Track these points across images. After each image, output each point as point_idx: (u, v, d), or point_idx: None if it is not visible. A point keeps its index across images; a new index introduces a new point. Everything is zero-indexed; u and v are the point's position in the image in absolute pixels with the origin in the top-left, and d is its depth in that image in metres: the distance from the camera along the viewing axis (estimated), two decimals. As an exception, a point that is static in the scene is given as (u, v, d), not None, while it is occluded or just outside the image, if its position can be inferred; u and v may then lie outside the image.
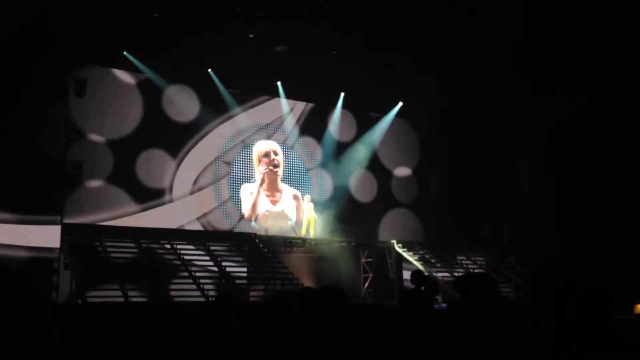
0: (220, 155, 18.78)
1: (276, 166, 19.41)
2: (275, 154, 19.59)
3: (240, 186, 18.87)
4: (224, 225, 18.30)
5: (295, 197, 19.45)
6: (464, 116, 20.71)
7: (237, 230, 18.31)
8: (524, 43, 16.38)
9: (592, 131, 17.87)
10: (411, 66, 17.95)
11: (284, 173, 19.66)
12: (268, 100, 19.79)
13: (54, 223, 14.29)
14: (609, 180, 17.28)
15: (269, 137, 19.75)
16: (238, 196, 18.81)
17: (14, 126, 13.25)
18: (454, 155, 21.25)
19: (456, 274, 17.51)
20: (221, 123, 18.91)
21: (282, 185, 19.48)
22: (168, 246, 15.22)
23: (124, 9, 14.56)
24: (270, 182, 19.31)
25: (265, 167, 19.21)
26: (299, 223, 18.94)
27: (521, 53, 16.82)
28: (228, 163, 18.85)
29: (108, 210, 16.49)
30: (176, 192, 17.66)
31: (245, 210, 18.68)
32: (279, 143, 19.84)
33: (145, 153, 17.35)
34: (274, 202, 19.14)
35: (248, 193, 18.86)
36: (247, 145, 19.32)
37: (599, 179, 17.46)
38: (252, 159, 19.28)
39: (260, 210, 18.87)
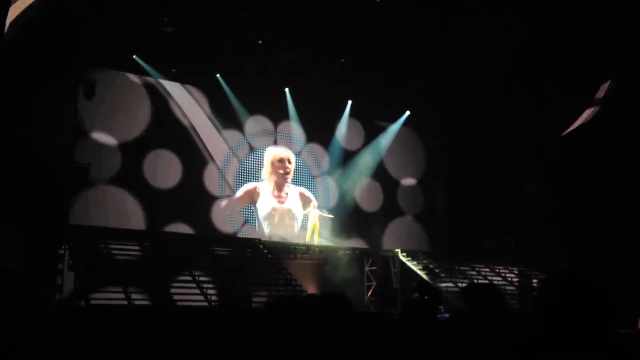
0: (227, 159, 18.87)
1: (288, 174, 19.58)
2: (289, 162, 19.76)
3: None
4: (227, 228, 18.39)
5: (302, 195, 19.61)
6: (471, 126, 20.69)
7: (240, 234, 18.42)
8: (529, 54, 16.37)
9: (598, 143, 17.82)
10: (419, 75, 17.98)
11: (292, 180, 19.80)
12: (276, 105, 19.85)
13: (59, 224, 14.30)
14: (614, 193, 17.20)
15: (277, 143, 19.84)
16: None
17: (21, 127, 13.26)
18: (460, 165, 21.22)
19: (460, 285, 17.45)
20: (228, 127, 19.01)
21: (288, 187, 19.61)
22: (172, 249, 15.24)
23: (134, 12, 14.64)
24: (278, 183, 19.43)
25: (280, 171, 19.39)
26: (304, 221, 19.04)
27: (526, 65, 16.81)
28: (236, 165, 19.00)
29: (113, 211, 16.55)
30: (184, 193, 17.79)
31: (237, 195, 18.77)
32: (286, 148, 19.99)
33: (152, 154, 17.46)
34: (280, 201, 19.26)
35: (250, 186, 19.05)
36: (254, 149, 19.43)
37: (604, 192, 17.39)
38: (254, 163, 19.40)
39: (267, 208, 18.97)
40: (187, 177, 17.92)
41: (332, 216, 19.19)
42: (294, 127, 20.18)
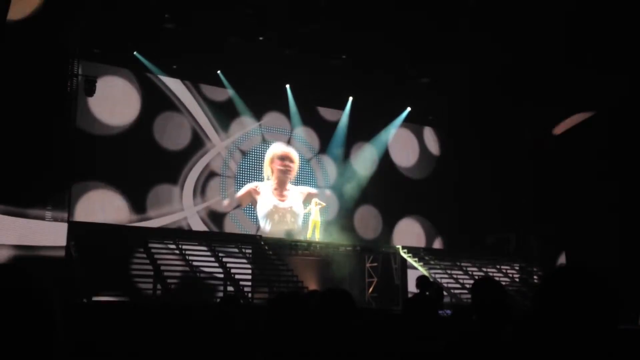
0: (227, 156, 18.89)
1: (287, 172, 19.48)
2: (291, 160, 19.66)
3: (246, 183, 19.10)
4: (227, 222, 18.45)
5: (303, 193, 19.57)
6: (473, 124, 20.69)
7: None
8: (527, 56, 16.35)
9: (598, 139, 17.82)
10: (420, 72, 17.97)
11: (295, 182, 19.78)
12: (276, 103, 19.83)
13: (61, 221, 14.29)
14: (616, 189, 17.20)
15: (279, 142, 19.84)
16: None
17: (21, 124, 13.21)
18: (462, 162, 21.22)
19: (461, 281, 17.48)
20: (229, 125, 19.01)
21: (290, 186, 19.59)
22: (173, 246, 15.26)
23: (135, 9, 14.64)
24: (280, 181, 19.42)
25: (281, 168, 19.34)
26: (306, 220, 19.03)
27: (525, 64, 16.80)
28: (235, 162, 19.01)
29: (114, 208, 16.58)
30: (185, 190, 17.82)
31: (239, 193, 18.78)
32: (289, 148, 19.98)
33: (152, 153, 17.48)
34: (282, 200, 19.25)
35: (251, 185, 19.03)
36: (255, 147, 19.44)
37: (606, 188, 17.39)
38: (256, 161, 19.41)
39: (268, 207, 18.97)
40: (187, 167, 18.06)
41: (325, 204, 18.85)
42: (295, 125, 20.14)
